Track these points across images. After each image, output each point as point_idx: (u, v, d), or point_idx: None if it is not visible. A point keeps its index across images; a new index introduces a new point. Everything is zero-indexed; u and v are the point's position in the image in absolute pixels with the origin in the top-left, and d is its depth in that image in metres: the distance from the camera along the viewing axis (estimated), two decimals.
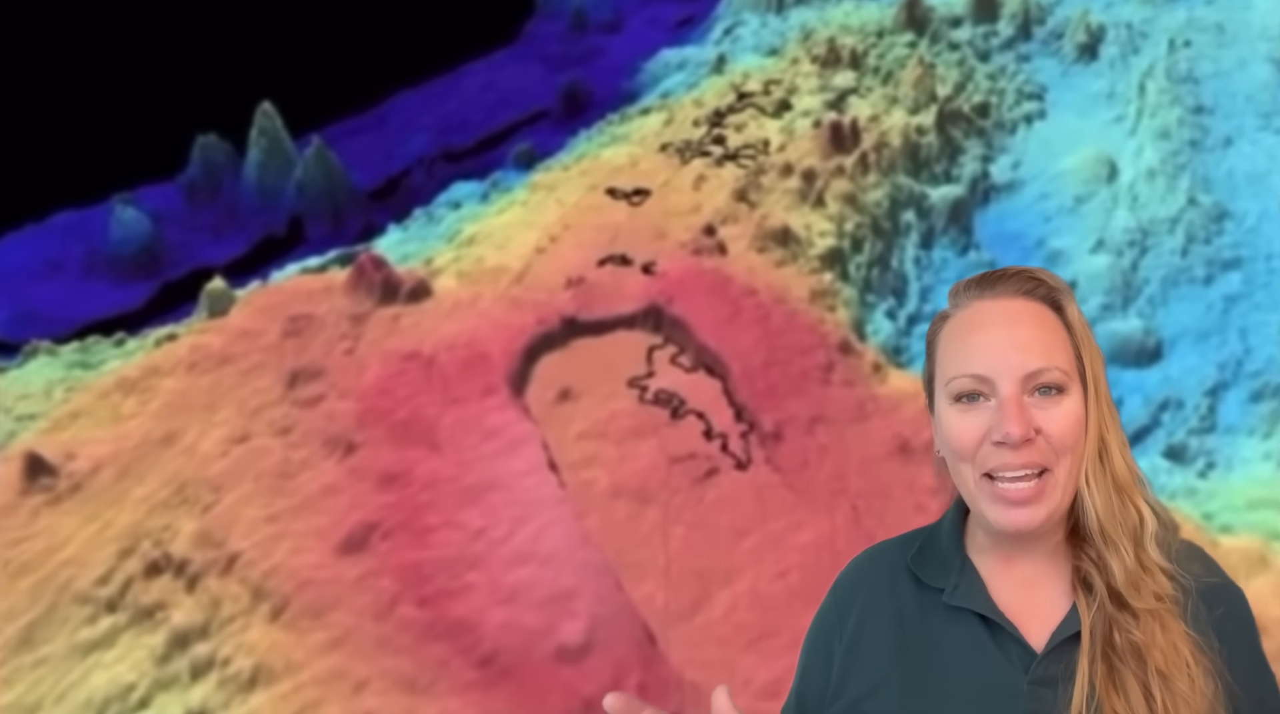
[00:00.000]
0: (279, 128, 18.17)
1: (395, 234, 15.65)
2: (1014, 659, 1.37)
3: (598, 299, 10.74)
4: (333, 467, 8.72)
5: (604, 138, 16.65)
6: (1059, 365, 1.36)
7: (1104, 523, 1.36)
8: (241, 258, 17.91)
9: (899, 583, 1.49)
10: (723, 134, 15.06)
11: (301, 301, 10.85)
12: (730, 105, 16.10)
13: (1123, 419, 1.43)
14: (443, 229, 14.98)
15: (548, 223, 12.81)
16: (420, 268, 13.15)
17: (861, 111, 16.53)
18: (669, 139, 15.22)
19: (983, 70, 19.56)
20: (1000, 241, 15.83)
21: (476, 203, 16.26)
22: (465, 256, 12.91)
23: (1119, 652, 1.32)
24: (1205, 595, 1.39)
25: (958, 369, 1.38)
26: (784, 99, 16.63)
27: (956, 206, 15.33)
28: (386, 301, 11.04)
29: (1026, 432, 1.32)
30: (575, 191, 13.80)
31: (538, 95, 23.53)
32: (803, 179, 13.85)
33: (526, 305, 10.71)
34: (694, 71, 20.81)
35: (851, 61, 18.19)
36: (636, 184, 13.57)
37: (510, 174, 18.14)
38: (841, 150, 14.54)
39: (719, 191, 13.40)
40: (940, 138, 16.31)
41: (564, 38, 25.68)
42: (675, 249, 11.79)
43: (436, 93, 23.61)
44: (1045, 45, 21.36)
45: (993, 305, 1.39)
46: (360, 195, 18.85)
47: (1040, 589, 1.41)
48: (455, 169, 20.36)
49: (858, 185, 14.19)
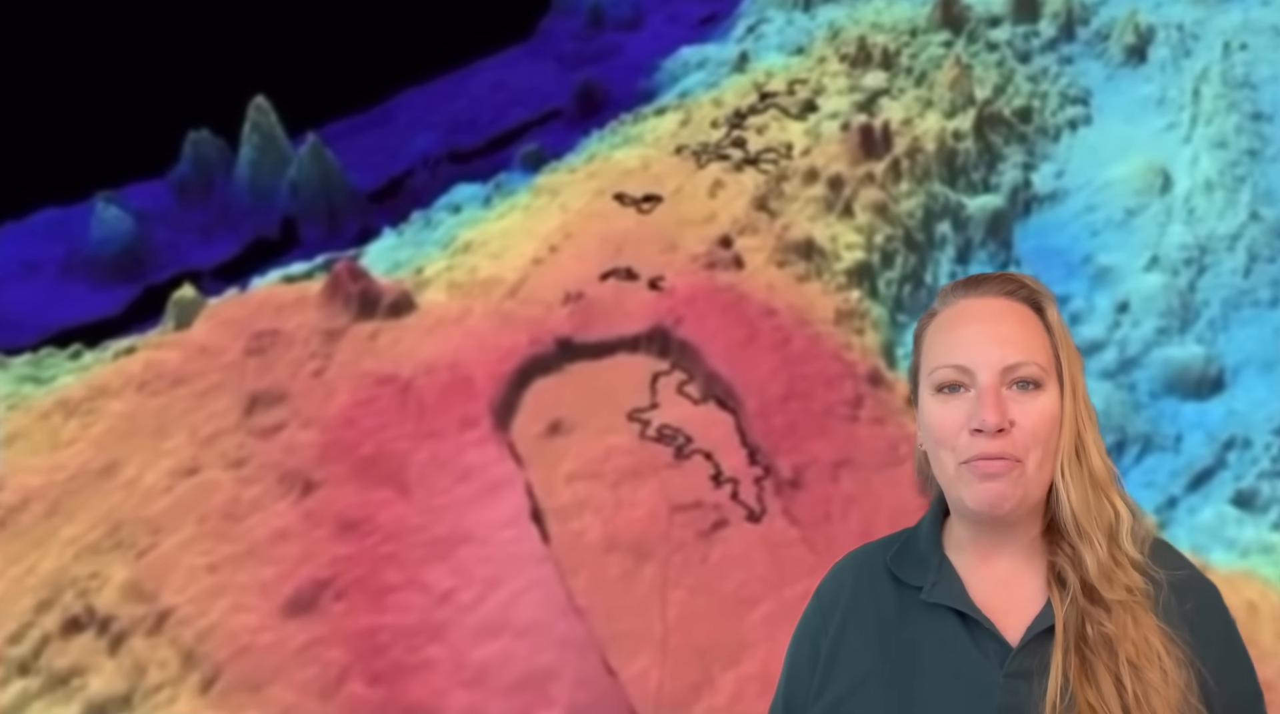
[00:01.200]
0: (273, 124, 17.16)
1: (389, 239, 14.58)
2: (990, 654, 1.40)
3: (598, 317, 9.62)
4: (287, 508, 7.63)
5: (615, 139, 15.53)
6: (1037, 361, 1.41)
7: (1079, 516, 1.39)
8: (230, 261, 16.92)
9: (879, 583, 1.51)
10: (743, 136, 13.92)
11: (270, 315, 9.78)
12: (752, 106, 14.95)
13: (1183, 459, 3.75)
14: (439, 235, 13.91)
15: (548, 230, 11.70)
16: (409, 277, 12.06)
17: (893, 114, 15.35)
18: (684, 141, 14.09)
19: (1023, 72, 18.34)
20: (1042, 256, 14.60)
21: (478, 207, 15.18)
22: (458, 266, 11.82)
23: (1091, 644, 1.35)
24: (1176, 588, 1.42)
25: (940, 360, 1.43)
26: (809, 100, 15.46)
27: (996, 218, 14.12)
28: (364, 316, 9.96)
29: (1001, 421, 1.36)
30: (581, 196, 12.69)
31: (551, 94, 22.48)
32: (829, 186, 12.68)
33: (519, 323, 9.60)
34: (714, 70, 19.69)
35: (883, 61, 17.01)
36: (647, 189, 12.45)
37: (515, 176, 17.04)
38: (872, 156, 13.36)
39: (737, 199, 12.26)
40: (978, 143, 15.10)
41: (580, 35, 24.66)
42: (686, 262, 10.64)
43: (445, 90, 22.58)
44: (1089, 47, 20.13)
45: (977, 303, 1.45)
46: (358, 196, 17.80)
47: (1016, 586, 1.44)
48: (460, 170, 19.29)
49: (889, 194, 13.01)
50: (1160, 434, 10.94)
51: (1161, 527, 9.89)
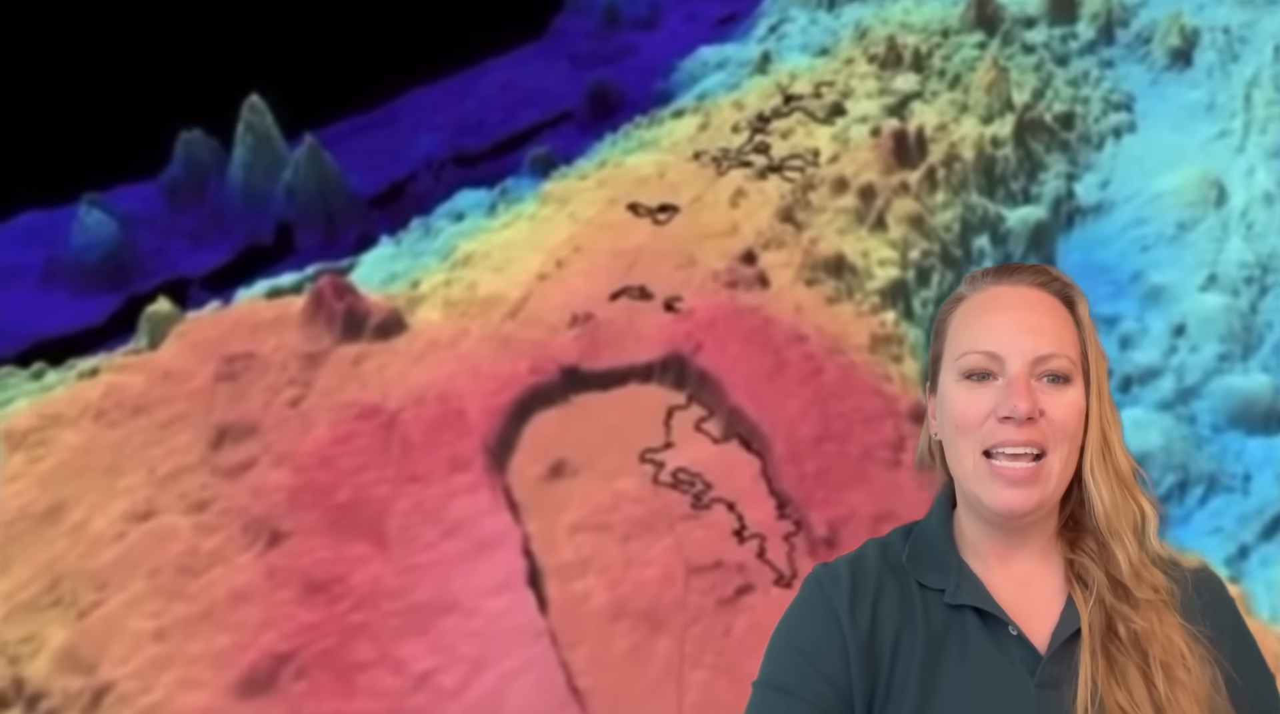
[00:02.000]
0: (268, 124, 16.26)
1: (386, 248, 13.64)
2: (1017, 661, 1.36)
3: (607, 342, 8.65)
4: (250, 562, 6.68)
5: (630, 143, 14.57)
6: (1068, 354, 1.36)
7: (1109, 515, 1.36)
8: (221, 268, 16.02)
9: (906, 588, 1.42)
10: (766, 142, 12.95)
11: (245, 335, 8.85)
12: (775, 109, 13.97)
13: (1252, 501, 3.42)
14: (438, 244, 12.97)
15: (555, 242, 10.75)
16: (404, 292, 11.12)
17: (927, 119, 14.34)
18: (703, 146, 13.12)
19: (1062, 76, 17.31)
20: (1088, 273, 13.58)
21: (481, 214, 14.23)
22: (456, 280, 10.88)
23: (1119, 643, 1.32)
24: (1194, 584, 1.40)
25: (970, 346, 1.37)
26: (837, 103, 14.46)
27: (1038, 231, 13.11)
28: (349, 338, 9.01)
29: (1033, 409, 1.31)
30: (591, 205, 11.74)
31: (563, 95, 21.56)
32: (860, 197, 11.69)
33: (519, 348, 8.64)
34: (734, 71, 18.73)
35: (914, 62, 16.00)
36: (663, 198, 11.49)
37: (523, 181, 16.09)
38: (905, 163, 12.37)
39: (760, 209, 11.29)
40: (1018, 151, 14.09)
41: (595, 34, 23.74)
42: (706, 280, 9.66)
43: (452, 90, 21.67)
44: (1130, 50, 19.08)
45: (1009, 291, 1.40)
46: (357, 201, 16.89)
47: (1036, 587, 1.40)
48: (466, 174, 18.34)
49: (924, 205, 12.02)
50: (1226, 473, 9.94)
51: (1233, 580, 8.89)
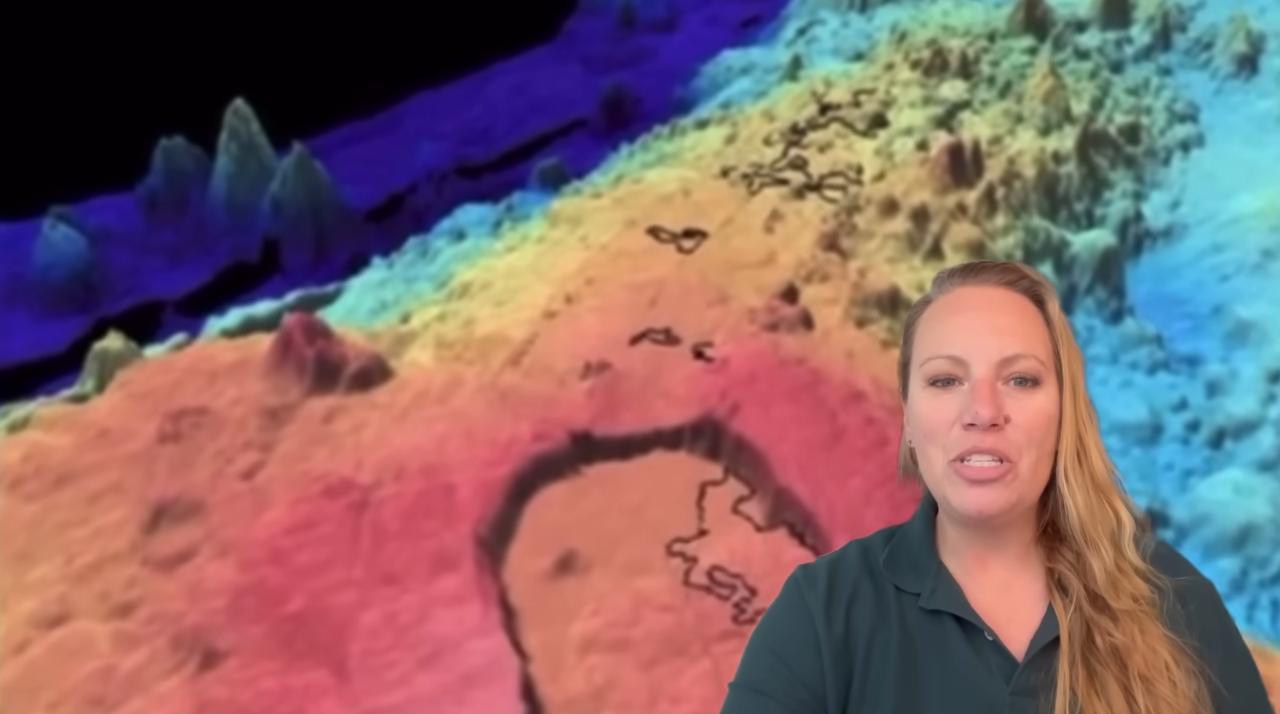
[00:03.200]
0: (254, 131, 14.94)
1: (377, 271, 12.27)
2: (993, 668, 1.32)
3: (627, 399, 7.24)
4: (175, 689, 5.29)
5: (649, 156, 13.19)
6: (1036, 355, 1.30)
7: (1084, 522, 1.31)
8: (200, 289, 14.69)
9: (882, 591, 1.38)
10: (802, 156, 11.57)
11: (199, 385, 7.46)
12: (811, 120, 12.58)
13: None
14: (434, 269, 11.61)
15: (565, 272, 9.37)
16: (390, 327, 9.74)
17: (978, 131, 12.94)
18: (732, 161, 11.74)
19: (1120, 84, 15.87)
20: (1161, 305, 12.14)
21: (484, 233, 12.86)
22: (452, 314, 9.51)
23: (1099, 655, 1.29)
24: (1179, 594, 1.34)
25: (933, 350, 1.32)
26: (878, 113, 13.06)
27: (1106, 258, 11.68)
28: (321, 389, 7.61)
29: (996, 415, 1.27)
30: (606, 227, 10.37)
31: (576, 101, 20.18)
32: (912, 220, 10.31)
33: (522, 404, 7.23)
34: (761, 78, 17.31)
35: (960, 69, 14.59)
36: (688, 221, 10.12)
37: (530, 196, 14.70)
38: (962, 182, 11.01)
39: (800, 235, 9.93)
40: (1081, 168, 12.67)
41: (610, 36, 22.37)
42: (741, 321, 8.25)
43: (457, 95, 20.32)
44: (1189, 56, 17.61)
45: (974, 291, 1.35)
46: (352, 215, 15.54)
47: (1015, 592, 1.36)
48: (470, 187, 16.96)
49: (984, 229, 10.66)
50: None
51: None
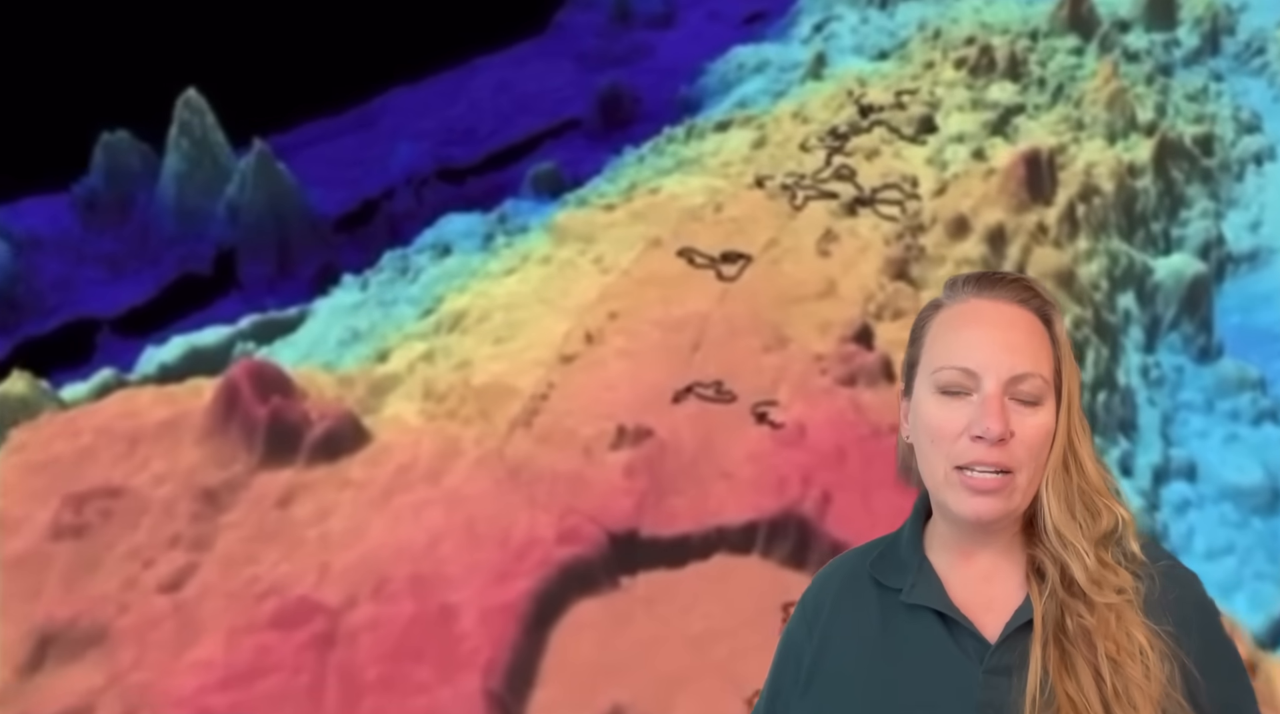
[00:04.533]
0: (208, 126, 13.12)
1: (349, 292, 10.47)
2: (970, 652, 1.38)
3: (677, 481, 5.54)
4: None
5: (663, 161, 11.52)
6: (1042, 374, 1.38)
7: (1060, 528, 1.38)
8: (144, 306, 12.82)
9: (861, 589, 1.48)
10: (849, 165, 9.97)
11: (116, 452, 5.69)
12: (853, 123, 10.99)
13: None
14: (417, 290, 9.87)
15: (581, 302, 7.67)
16: (365, 366, 7.99)
17: (1039, 139, 11.42)
18: (766, 169, 10.10)
19: (1179, 89, 14.40)
20: (1253, 341, 10.63)
21: (474, 247, 11.14)
22: (441, 353, 7.79)
23: (1070, 636, 1.35)
24: (1161, 580, 1.39)
25: (946, 360, 1.39)
26: (925, 116, 11.49)
27: (1195, 287, 10.18)
28: (276, 460, 5.86)
29: (1004, 431, 1.34)
30: (625, 246, 8.70)
31: (567, 100, 18.47)
32: (988, 243, 8.70)
33: (539, 485, 5.52)
34: (778, 76, 15.68)
35: (1009, 69, 13.05)
36: (724, 241, 8.44)
37: (525, 205, 12.99)
38: (1038, 197, 9.44)
39: (861, 259, 8.30)
40: (1158, 182, 11.17)
41: (603, 31, 20.68)
42: (807, 370, 6.58)
43: (438, 91, 18.55)
44: (1240, 61, 16.15)
45: (989, 305, 1.41)
46: (319, 223, 13.77)
47: (996, 582, 1.42)
48: (454, 192, 15.19)
49: (1069, 254, 9.08)
50: None
51: None
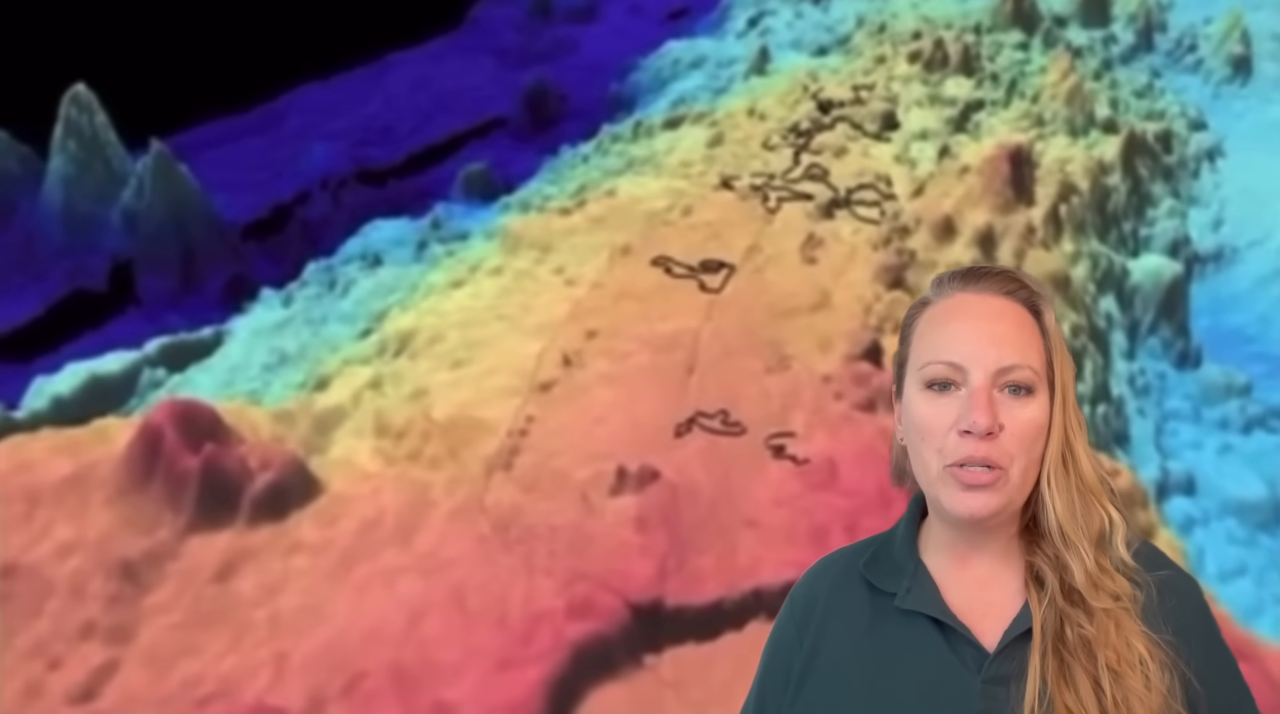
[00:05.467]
0: (99, 125, 11.81)
1: (270, 308, 9.36)
2: (967, 660, 1.34)
3: (696, 533, 4.73)
4: None
5: (611, 161, 10.69)
6: (1030, 365, 1.33)
7: (1064, 525, 1.34)
8: (26, 326, 11.43)
9: (853, 590, 1.42)
10: (819, 164, 9.31)
11: (10, 516, 4.64)
12: (815, 120, 10.35)
13: None
14: (350, 306, 8.83)
15: (548, 320, 6.79)
16: (301, 396, 6.97)
17: (1006, 136, 10.95)
18: (730, 168, 9.36)
19: (1127, 85, 14.19)
20: (1225, 343, 10.31)
21: (407, 257, 10.12)
22: (391, 380, 6.81)
23: (1069, 646, 1.31)
24: (1160, 589, 1.36)
25: (933, 355, 1.35)
26: (887, 112, 10.92)
27: (1172, 289, 9.80)
28: (210, 522, 4.84)
29: (992, 424, 1.30)
30: (588, 254, 7.84)
31: (490, 98, 17.50)
32: (979, 246, 8.12)
33: (535, 546, 4.64)
34: (716, 72, 14.99)
35: (962, 64, 12.60)
36: (699, 247, 7.62)
37: (458, 209, 11.99)
38: (1022, 197, 8.91)
39: (849, 266, 7.60)
40: (1127, 180, 10.80)
41: (523, 26, 19.77)
42: (820, 395, 5.83)
43: (350, 88, 17.39)
44: (1173, 59, 16.10)
45: (974, 298, 1.37)
46: (227, 231, 12.57)
47: (993, 589, 1.37)
48: (374, 196, 14.09)
49: (1058, 256, 8.57)
50: None
51: None
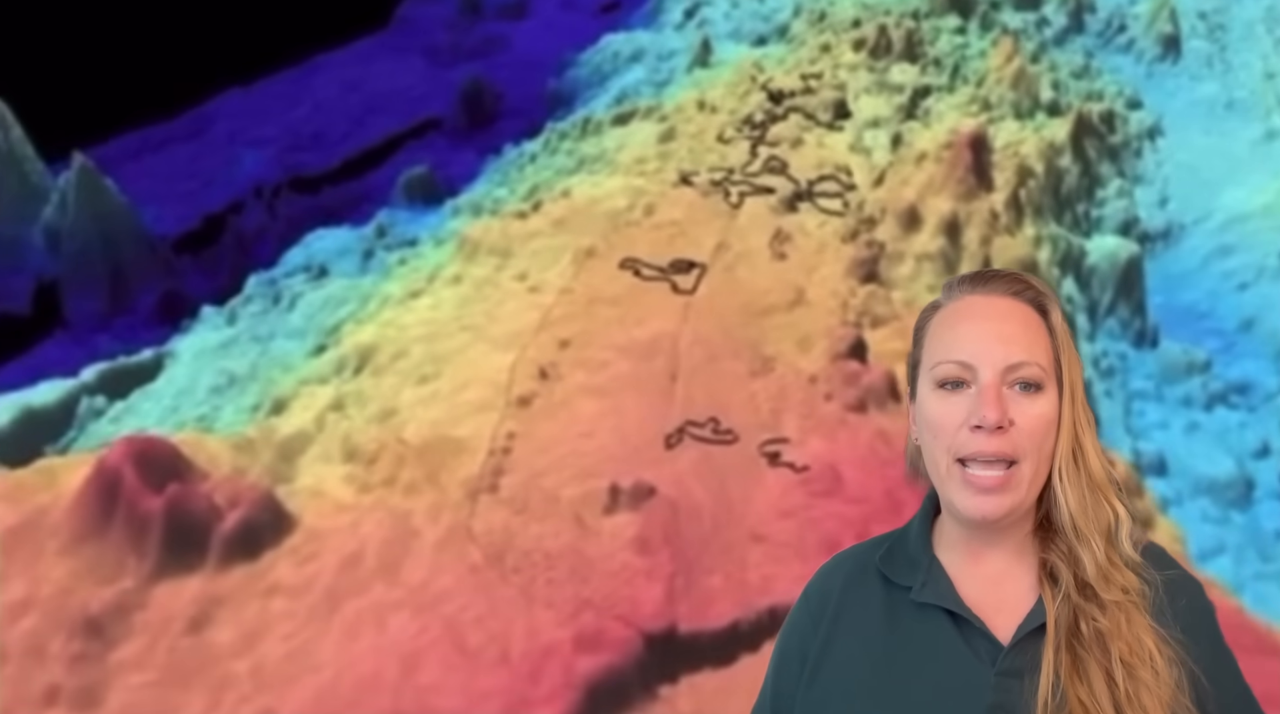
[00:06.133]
0: (14, 139, 11.18)
1: (212, 326, 8.90)
2: (981, 653, 1.36)
3: (701, 551, 4.52)
4: None
5: (562, 160, 10.41)
6: (1038, 362, 1.37)
7: (1076, 519, 1.37)
8: None
9: (868, 584, 1.46)
10: (778, 157, 9.15)
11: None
12: (768, 111, 10.18)
13: None
14: (298, 321, 8.41)
15: (517, 329, 6.50)
16: (262, 428, 6.59)
17: (952, 121, 10.90)
18: (687, 164, 9.13)
19: (1065, 67, 14.30)
20: (1180, 320, 10.38)
21: (355, 268, 9.73)
22: (354, 401, 6.46)
23: (1083, 641, 1.33)
24: (1168, 588, 1.39)
25: (943, 355, 1.39)
26: (838, 101, 10.81)
27: (1129, 269, 9.83)
28: (177, 567, 4.49)
29: (1001, 418, 1.33)
30: (551, 259, 7.56)
31: (423, 98, 17.06)
32: (945, 234, 8.03)
33: (532, 574, 4.38)
34: (657, 65, 14.77)
35: (906, 50, 12.55)
36: (667, 249, 7.42)
37: (402, 215, 11.60)
38: (983, 184, 8.85)
39: (820, 261, 7.42)
40: (1077, 162, 10.83)
41: (453, 24, 19.33)
42: (810, 396, 5.64)
43: (277, 92, 16.81)
44: (1105, 39, 16.31)
45: (982, 300, 1.42)
46: (158, 246, 12.01)
47: (1007, 584, 1.40)
48: (310, 204, 13.59)
49: (1022, 242, 8.50)
50: None
51: None
